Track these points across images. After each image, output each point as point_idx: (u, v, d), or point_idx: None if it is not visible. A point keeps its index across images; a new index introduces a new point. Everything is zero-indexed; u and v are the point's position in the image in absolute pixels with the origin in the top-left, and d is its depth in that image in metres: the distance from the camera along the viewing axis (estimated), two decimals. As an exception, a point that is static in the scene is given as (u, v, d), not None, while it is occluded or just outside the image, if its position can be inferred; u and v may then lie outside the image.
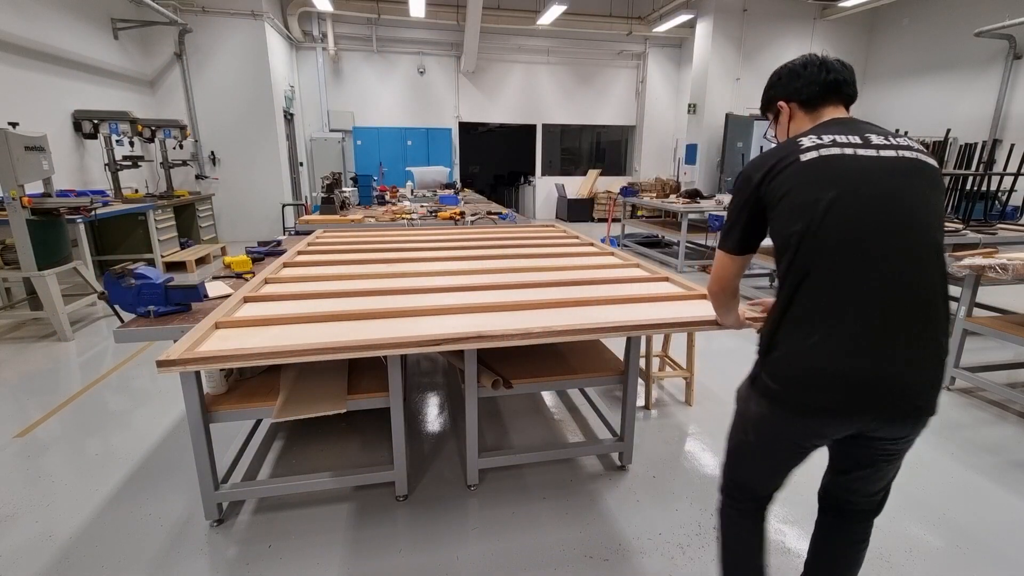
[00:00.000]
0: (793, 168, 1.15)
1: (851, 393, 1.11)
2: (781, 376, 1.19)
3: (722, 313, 1.59)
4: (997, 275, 2.76)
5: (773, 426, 1.25)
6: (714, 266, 1.40)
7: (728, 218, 1.30)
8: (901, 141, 1.17)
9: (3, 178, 3.65)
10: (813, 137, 1.17)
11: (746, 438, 1.34)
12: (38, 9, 5.36)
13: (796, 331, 1.16)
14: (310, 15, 9.44)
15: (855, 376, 1.10)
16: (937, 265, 1.12)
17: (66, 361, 3.72)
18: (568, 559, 1.92)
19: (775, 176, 1.17)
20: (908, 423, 1.16)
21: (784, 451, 1.28)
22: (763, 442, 1.30)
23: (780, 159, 1.17)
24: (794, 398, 1.17)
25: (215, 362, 1.48)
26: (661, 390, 3.33)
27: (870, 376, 1.10)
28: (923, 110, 8.80)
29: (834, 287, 1.11)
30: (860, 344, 1.09)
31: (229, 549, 1.95)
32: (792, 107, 1.31)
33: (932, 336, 1.12)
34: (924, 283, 1.10)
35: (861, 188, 1.10)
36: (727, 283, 1.40)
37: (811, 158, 1.14)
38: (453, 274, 2.49)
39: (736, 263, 1.34)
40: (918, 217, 1.10)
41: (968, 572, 1.88)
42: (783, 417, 1.21)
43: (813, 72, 1.26)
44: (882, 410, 1.12)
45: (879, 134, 1.17)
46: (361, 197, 5.70)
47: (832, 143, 1.14)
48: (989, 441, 2.72)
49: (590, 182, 11.76)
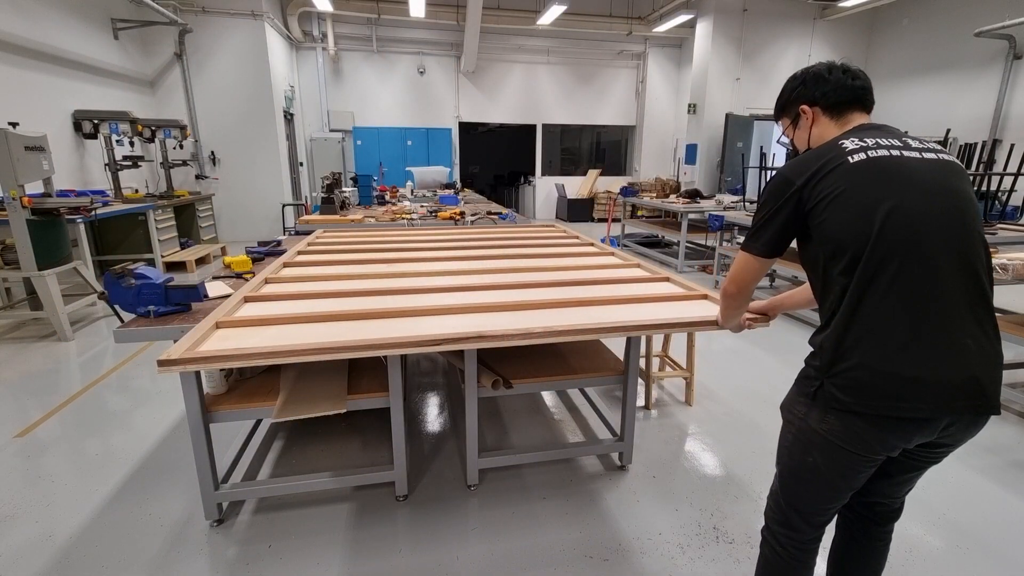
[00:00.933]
0: (842, 169, 1.12)
1: (941, 398, 1.07)
2: (858, 387, 1.11)
3: (729, 315, 1.55)
4: (997, 275, 2.77)
5: (848, 441, 1.15)
6: (734, 267, 1.34)
7: (758, 219, 1.25)
8: (933, 145, 1.18)
9: (3, 178, 3.65)
10: (855, 140, 1.15)
11: (807, 459, 1.23)
12: (38, 9, 5.37)
13: (870, 338, 1.10)
14: (310, 15, 9.44)
15: (943, 380, 1.07)
16: (987, 261, 1.12)
17: (66, 361, 3.72)
18: (568, 559, 1.92)
19: (821, 178, 1.14)
20: (981, 424, 1.14)
21: (857, 466, 1.19)
22: (833, 460, 1.19)
23: (826, 162, 1.14)
24: (879, 409, 1.10)
25: (215, 362, 1.48)
26: (661, 390, 3.33)
27: (956, 378, 1.07)
28: (923, 110, 8.80)
29: (905, 290, 1.08)
30: (940, 347, 1.07)
31: (229, 549, 1.95)
32: (816, 112, 1.29)
33: (994, 332, 1.12)
34: (982, 279, 1.10)
35: (917, 189, 1.09)
36: (746, 286, 1.36)
37: (860, 160, 1.12)
38: (453, 274, 2.49)
39: (761, 266, 1.29)
40: (969, 214, 1.10)
41: (968, 572, 1.88)
42: (863, 429, 1.13)
43: (840, 77, 1.25)
44: (965, 412, 1.09)
45: (912, 139, 1.18)
46: (361, 197, 5.70)
47: (876, 146, 1.13)
48: (989, 441, 2.72)
49: (590, 182, 11.76)
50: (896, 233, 1.07)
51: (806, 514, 1.30)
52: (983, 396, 1.08)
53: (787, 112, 1.37)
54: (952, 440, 1.17)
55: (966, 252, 1.09)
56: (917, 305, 1.07)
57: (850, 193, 1.11)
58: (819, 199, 1.14)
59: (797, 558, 1.34)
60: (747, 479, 2.40)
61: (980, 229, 1.12)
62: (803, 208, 1.17)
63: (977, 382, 1.07)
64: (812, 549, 1.35)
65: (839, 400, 1.14)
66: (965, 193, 1.12)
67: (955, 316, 1.08)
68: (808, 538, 1.33)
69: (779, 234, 1.22)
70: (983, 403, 1.09)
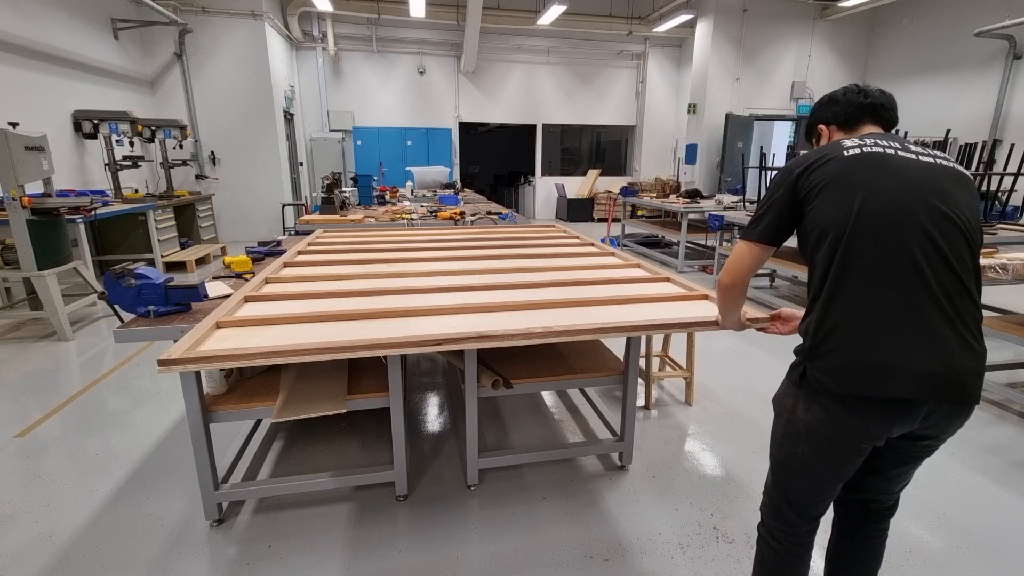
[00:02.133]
0: (836, 161, 1.19)
1: (917, 383, 1.10)
2: (837, 370, 1.14)
3: (727, 311, 1.55)
4: (997, 275, 2.76)
5: (832, 430, 1.18)
6: (731, 257, 1.35)
7: (759, 209, 1.30)
8: (937, 153, 1.23)
9: (3, 178, 3.65)
10: (856, 139, 1.23)
11: (796, 450, 1.26)
12: (38, 9, 5.36)
13: (847, 324, 1.14)
14: (310, 15, 9.44)
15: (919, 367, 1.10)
16: (972, 257, 1.15)
17: (66, 361, 3.72)
18: (568, 559, 1.92)
19: (816, 169, 1.21)
20: (964, 413, 1.17)
21: (843, 457, 1.21)
22: (819, 451, 1.22)
23: (824, 155, 1.22)
24: (857, 389, 1.13)
25: (215, 362, 1.48)
26: (661, 390, 3.33)
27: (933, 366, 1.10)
28: (923, 110, 8.80)
29: (881, 278, 1.11)
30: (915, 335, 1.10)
31: (229, 549, 1.95)
32: (831, 129, 1.39)
33: (975, 324, 1.14)
34: (962, 276, 1.13)
35: (902, 183, 1.14)
36: (741, 276, 1.36)
37: (855, 153, 1.19)
38: (453, 274, 2.49)
39: (756, 254, 1.31)
40: (955, 211, 1.13)
41: (968, 572, 1.88)
42: (844, 418, 1.16)
43: (851, 96, 1.34)
44: (943, 400, 1.12)
45: (915, 145, 1.24)
46: (361, 197, 5.70)
47: (874, 144, 1.20)
48: (989, 441, 2.72)
49: (590, 182, 11.76)
50: (873, 221, 1.12)
51: (798, 507, 1.32)
52: (960, 386, 1.11)
53: (811, 133, 1.47)
54: (935, 432, 1.20)
55: (946, 248, 1.11)
56: (892, 293, 1.11)
57: (838, 181, 1.17)
58: (812, 186, 1.21)
59: (792, 552, 1.36)
60: (747, 479, 2.40)
61: (968, 222, 1.14)
62: (798, 195, 1.24)
63: (954, 372, 1.10)
64: (807, 543, 1.36)
65: (820, 383, 1.17)
66: (955, 197, 1.14)
67: (932, 307, 1.10)
68: (802, 531, 1.35)
69: (775, 220, 1.27)
70: (960, 393, 1.12)
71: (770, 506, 1.38)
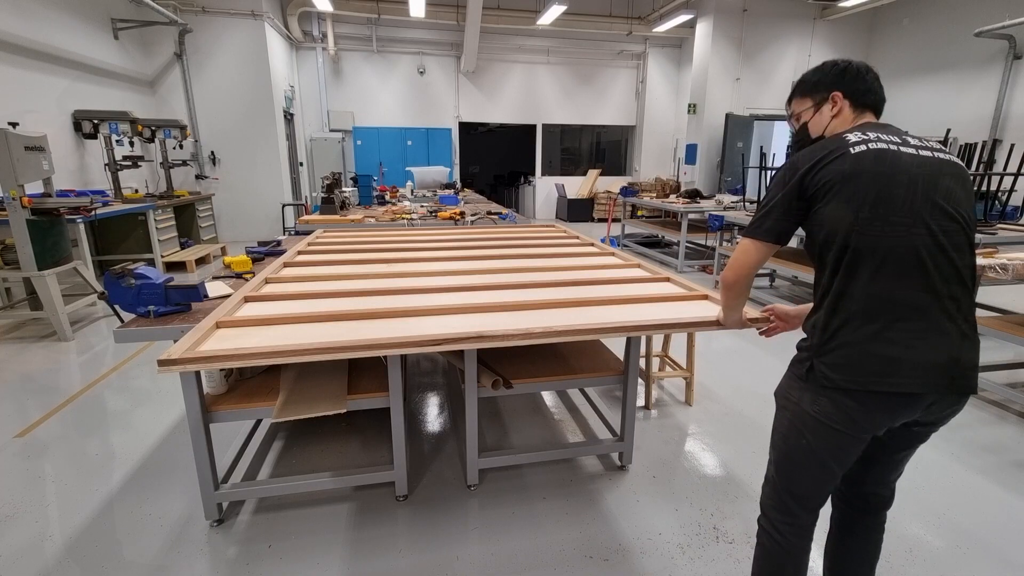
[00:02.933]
0: (843, 158, 1.18)
1: (924, 376, 1.14)
2: (846, 365, 1.17)
3: (729, 309, 1.56)
4: (997, 275, 2.76)
5: (839, 420, 1.21)
6: (735, 254, 1.35)
7: (763, 206, 1.29)
8: (934, 144, 1.25)
9: (3, 178, 3.65)
10: (859, 134, 1.23)
11: (801, 441, 1.28)
12: (38, 9, 5.36)
13: (856, 319, 1.17)
14: (310, 15, 9.44)
15: (925, 360, 1.14)
16: (970, 250, 1.19)
17: (66, 361, 3.72)
18: (568, 559, 1.92)
19: (825, 166, 1.20)
20: (961, 403, 1.22)
21: (847, 445, 1.24)
22: (824, 441, 1.25)
23: (830, 151, 1.21)
24: (867, 384, 1.16)
25: (215, 362, 1.48)
26: (661, 390, 3.33)
27: (938, 359, 1.14)
28: (923, 110, 8.80)
29: (888, 275, 1.14)
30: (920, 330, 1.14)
31: (229, 549, 1.95)
32: (845, 103, 1.33)
33: (972, 316, 1.20)
34: (965, 266, 1.17)
35: (906, 179, 1.16)
36: (745, 273, 1.37)
37: (861, 150, 1.19)
38: (453, 274, 2.49)
39: (761, 251, 1.31)
40: (956, 208, 1.17)
41: (968, 572, 1.88)
42: (852, 408, 1.19)
43: (874, 82, 1.33)
44: (947, 391, 1.16)
45: (912, 137, 1.26)
46: (361, 197, 5.70)
47: (877, 139, 1.21)
48: (989, 441, 2.72)
49: (590, 182, 11.76)
50: (881, 221, 1.15)
51: (801, 498, 1.34)
52: (963, 377, 1.17)
53: (815, 92, 1.36)
54: (934, 418, 1.24)
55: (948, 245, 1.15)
56: (899, 290, 1.15)
57: (847, 181, 1.17)
58: (820, 185, 1.21)
59: (795, 544, 1.38)
60: (747, 479, 2.40)
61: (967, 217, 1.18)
62: (806, 193, 1.23)
63: (957, 364, 1.15)
64: (808, 535, 1.39)
65: (828, 378, 1.20)
66: (956, 195, 1.18)
67: (936, 302, 1.15)
68: (804, 523, 1.37)
69: (781, 219, 1.27)
70: (963, 383, 1.17)
71: (773, 499, 1.39)
